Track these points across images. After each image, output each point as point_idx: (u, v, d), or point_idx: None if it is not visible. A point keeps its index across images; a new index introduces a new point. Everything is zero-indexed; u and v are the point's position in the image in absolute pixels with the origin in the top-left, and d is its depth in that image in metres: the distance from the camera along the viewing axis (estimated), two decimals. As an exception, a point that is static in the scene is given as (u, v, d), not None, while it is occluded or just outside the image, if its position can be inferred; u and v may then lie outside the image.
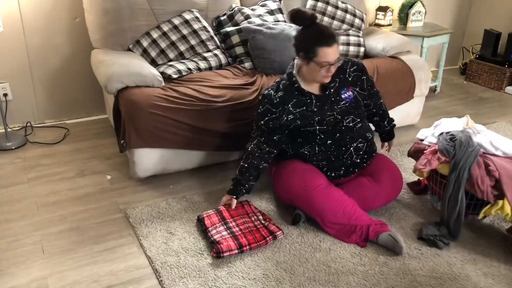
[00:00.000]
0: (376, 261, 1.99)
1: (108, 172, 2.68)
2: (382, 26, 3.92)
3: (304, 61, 2.10)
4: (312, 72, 2.11)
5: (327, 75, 2.11)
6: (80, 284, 1.85)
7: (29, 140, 3.02)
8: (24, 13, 2.95)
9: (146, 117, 2.36)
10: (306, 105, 2.17)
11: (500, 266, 1.98)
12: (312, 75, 2.13)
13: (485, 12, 4.60)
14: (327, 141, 2.21)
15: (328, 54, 2.03)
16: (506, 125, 3.43)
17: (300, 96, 2.17)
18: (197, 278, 1.87)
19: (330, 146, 2.22)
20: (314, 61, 2.05)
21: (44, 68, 3.13)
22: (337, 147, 2.23)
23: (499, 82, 4.22)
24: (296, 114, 2.16)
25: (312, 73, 2.11)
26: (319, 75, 2.11)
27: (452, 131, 2.23)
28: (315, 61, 2.05)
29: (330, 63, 2.06)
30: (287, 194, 2.24)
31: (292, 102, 2.16)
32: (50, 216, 2.27)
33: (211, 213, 2.18)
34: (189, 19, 2.93)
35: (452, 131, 2.22)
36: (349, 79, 2.25)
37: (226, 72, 2.84)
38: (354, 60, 2.30)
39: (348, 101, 2.22)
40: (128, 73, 2.46)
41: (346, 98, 2.22)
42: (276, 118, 2.16)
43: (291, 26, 3.03)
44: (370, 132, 2.32)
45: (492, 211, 2.06)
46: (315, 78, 2.14)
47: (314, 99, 2.18)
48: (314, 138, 2.22)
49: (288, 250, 2.04)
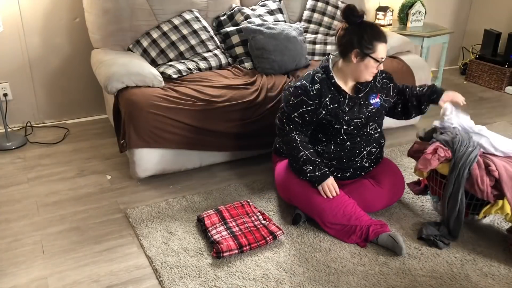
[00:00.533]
0: (376, 261, 1.99)
1: (108, 172, 2.68)
2: (382, 26, 3.92)
3: (357, 58, 2.10)
4: (362, 69, 2.12)
5: (375, 73, 2.15)
6: (80, 284, 1.85)
7: (29, 140, 3.02)
8: (24, 13, 2.95)
9: (146, 117, 2.36)
10: (339, 102, 2.17)
11: (500, 266, 1.98)
12: (361, 71, 2.13)
13: (485, 12, 4.60)
14: (346, 143, 2.21)
15: (385, 50, 2.10)
16: (506, 125, 3.43)
17: (335, 92, 2.17)
18: (197, 278, 1.87)
19: (346, 147, 2.22)
20: (371, 56, 2.08)
21: (44, 68, 3.13)
22: (351, 149, 2.23)
23: (499, 82, 4.22)
24: (329, 110, 2.15)
25: (363, 69, 2.12)
26: (369, 72, 2.12)
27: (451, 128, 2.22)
28: (373, 57, 2.08)
29: (383, 60, 2.11)
30: (288, 193, 2.24)
31: (329, 97, 2.15)
32: (50, 216, 2.27)
33: (211, 213, 2.18)
34: (189, 19, 2.93)
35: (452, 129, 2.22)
36: (378, 85, 2.27)
37: (226, 72, 2.84)
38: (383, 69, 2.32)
39: (376, 107, 2.22)
40: (128, 73, 2.46)
41: (374, 104, 2.23)
42: (312, 111, 2.14)
43: (291, 26, 3.03)
44: (383, 138, 2.34)
45: (492, 211, 2.06)
46: (361, 74, 2.14)
47: (348, 98, 2.18)
48: (336, 137, 2.21)
49: (288, 250, 2.04)
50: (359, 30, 2.08)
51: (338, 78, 2.18)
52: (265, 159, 2.74)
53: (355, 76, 2.16)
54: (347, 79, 2.18)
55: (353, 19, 2.09)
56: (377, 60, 2.08)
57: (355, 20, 2.09)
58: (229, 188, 2.52)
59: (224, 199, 2.41)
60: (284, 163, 2.32)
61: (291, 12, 3.34)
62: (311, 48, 3.18)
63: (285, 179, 2.24)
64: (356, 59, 2.10)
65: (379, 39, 2.07)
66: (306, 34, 3.24)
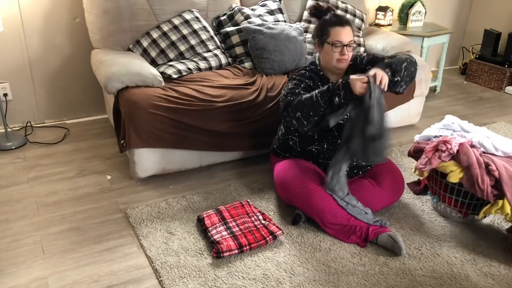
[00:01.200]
0: (376, 261, 1.99)
1: (108, 172, 2.68)
2: (382, 26, 3.92)
3: (319, 47, 2.18)
4: (326, 57, 2.17)
5: (341, 58, 2.14)
6: (80, 284, 1.85)
7: (29, 140, 3.02)
8: (24, 13, 2.95)
9: (146, 117, 2.36)
10: None
11: (500, 266, 1.98)
12: (327, 60, 2.17)
13: (485, 12, 4.60)
14: (338, 140, 2.22)
15: (340, 33, 2.11)
16: (506, 125, 3.43)
17: (324, 84, 2.20)
18: (197, 278, 1.87)
19: (339, 145, 2.22)
20: (327, 42, 2.12)
21: (44, 68, 3.13)
22: None
23: (499, 82, 4.22)
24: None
25: (326, 57, 2.16)
26: (333, 59, 2.14)
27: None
28: (328, 42, 2.11)
29: (343, 43, 2.11)
30: (287, 194, 2.24)
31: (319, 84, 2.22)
32: (50, 216, 2.27)
33: (211, 213, 2.18)
34: (189, 19, 2.93)
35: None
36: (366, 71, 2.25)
37: (226, 72, 2.84)
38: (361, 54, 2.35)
39: None
40: (128, 73, 2.46)
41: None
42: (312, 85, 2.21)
43: (291, 26, 3.03)
44: None
45: (492, 211, 2.06)
46: (329, 63, 2.17)
47: None
48: (327, 134, 2.23)
49: (288, 250, 2.04)
50: (319, 22, 2.18)
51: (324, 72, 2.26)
52: (265, 159, 2.74)
53: (327, 66, 2.21)
54: (327, 72, 2.25)
55: (320, 15, 2.18)
56: (332, 44, 2.11)
57: (321, 16, 2.18)
58: (229, 188, 2.52)
59: (224, 199, 2.41)
60: (282, 163, 2.32)
61: (291, 12, 3.34)
62: (311, 48, 3.18)
63: (284, 180, 2.24)
64: (319, 48, 2.19)
65: (332, 24, 2.13)
66: (306, 34, 3.24)
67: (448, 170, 2.12)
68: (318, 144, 2.25)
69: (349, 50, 2.15)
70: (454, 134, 2.28)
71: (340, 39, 2.11)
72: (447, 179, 2.13)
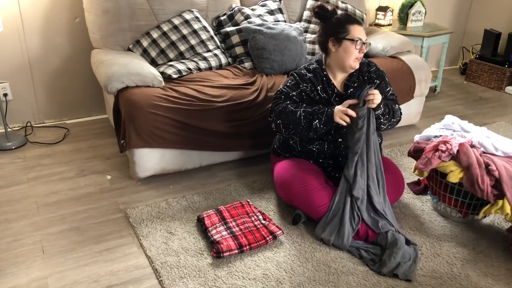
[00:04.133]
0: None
1: (108, 172, 2.68)
2: (382, 26, 3.93)
3: (334, 46, 2.14)
4: (343, 55, 2.14)
5: (359, 57, 2.14)
6: (80, 284, 1.85)
7: (29, 140, 3.02)
8: (24, 13, 2.95)
9: (146, 117, 2.36)
10: (328, 94, 2.21)
11: (500, 266, 1.98)
12: (343, 58, 2.14)
13: (485, 12, 4.60)
14: (338, 139, 2.22)
15: (359, 30, 2.12)
16: (506, 125, 3.43)
17: (325, 84, 2.20)
18: (197, 278, 1.87)
19: (339, 145, 2.23)
20: (346, 39, 2.10)
21: (44, 68, 3.13)
22: (345, 148, 2.23)
23: (499, 82, 4.22)
24: (321, 99, 2.21)
25: (343, 56, 2.14)
26: (351, 57, 2.13)
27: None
28: (348, 39, 2.10)
29: (363, 41, 2.11)
30: (287, 194, 2.24)
31: (320, 87, 2.21)
32: (50, 216, 2.27)
33: (211, 213, 2.19)
34: (189, 19, 2.93)
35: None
36: (366, 80, 2.27)
37: (226, 72, 2.84)
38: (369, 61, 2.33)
39: None
40: (128, 73, 2.46)
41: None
42: (309, 91, 2.20)
43: (291, 26, 3.03)
44: (379, 136, 2.33)
45: (492, 211, 2.06)
46: (346, 61, 2.15)
47: (336, 92, 2.21)
48: (327, 135, 2.23)
49: (288, 250, 2.04)
50: (331, 21, 2.16)
51: (328, 73, 2.24)
52: (265, 159, 2.74)
53: (340, 66, 2.19)
54: (335, 73, 2.23)
55: (325, 16, 2.16)
56: (353, 40, 2.10)
57: (327, 16, 2.16)
58: (229, 188, 2.52)
59: (224, 199, 2.42)
60: (283, 163, 2.32)
61: (291, 12, 3.34)
62: (311, 48, 3.18)
63: (284, 179, 2.24)
64: (334, 47, 2.15)
65: (351, 22, 2.12)
66: (306, 34, 3.24)
67: (448, 170, 2.12)
68: (319, 143, 2.25)
69: (366, 49, 2.17)
70: (454, 134, 2.28)
71: (360, 36, 2.12)
72: (447, 179, 2.13)
